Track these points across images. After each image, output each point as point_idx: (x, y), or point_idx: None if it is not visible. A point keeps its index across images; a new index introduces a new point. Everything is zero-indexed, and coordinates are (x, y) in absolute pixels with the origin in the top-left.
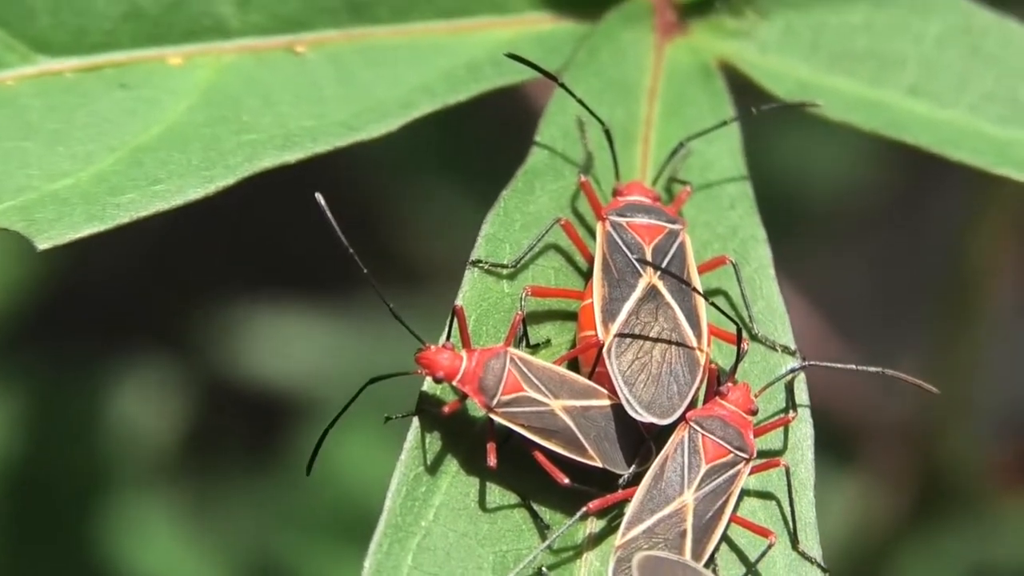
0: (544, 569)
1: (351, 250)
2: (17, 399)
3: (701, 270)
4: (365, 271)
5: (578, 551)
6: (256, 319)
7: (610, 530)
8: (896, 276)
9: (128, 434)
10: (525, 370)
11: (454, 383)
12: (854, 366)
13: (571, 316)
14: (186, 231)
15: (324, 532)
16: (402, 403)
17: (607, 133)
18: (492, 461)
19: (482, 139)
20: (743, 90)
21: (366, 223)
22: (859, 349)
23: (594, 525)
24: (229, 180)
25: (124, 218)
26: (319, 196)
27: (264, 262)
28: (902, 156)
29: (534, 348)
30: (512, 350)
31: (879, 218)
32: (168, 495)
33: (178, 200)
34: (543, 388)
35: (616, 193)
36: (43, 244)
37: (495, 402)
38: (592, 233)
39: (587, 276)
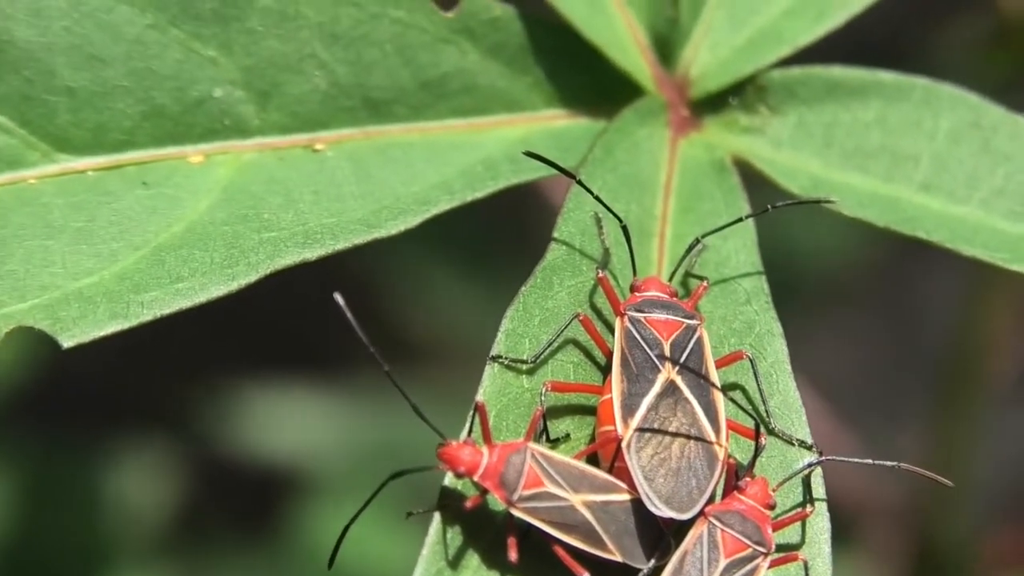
0: None
1: (372, 348)
2: (14, 477)
3: (718, 365)
4: (386, 369)
5: None
6: (252, 397)
7: None
8: (886, 355)
9: (125, 512)
10: (545, 465)
11: (475, 478)
12: (871, 460)
13: (590, 411)
14: (185, 308)
15: None
16: (401, 489)
17: (624, 229)
18: (513, 556)
19: (481, 221)
20: (757, 182)
21: (364, 301)
22: (853, 427)
23: None
24: (251, 277)
25: (147, 316)
26: (338, 296)
27: (260, 340)
28: (888, 235)
29: (553, 443)
30: (533, 445)
31: (866, 296)
32: (164, 571)
33: (201, 298)
34: (563, 483)
35: (634, 289)
36: (68, 342)
37: (516, 497)
38: (610, 328)
39: (606, 371)
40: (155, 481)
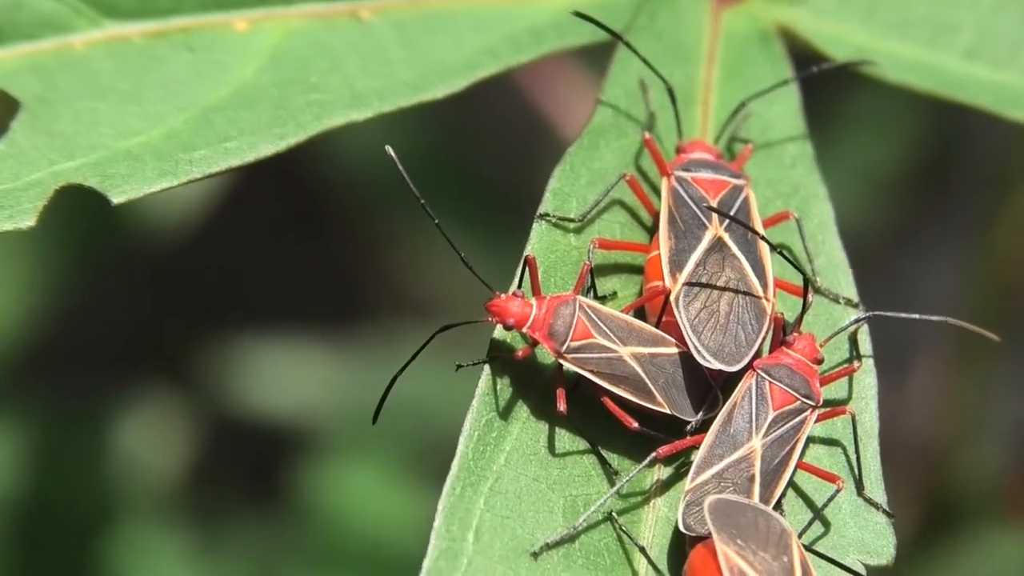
0: (614, 514)
1: (422, 201)
2: (21, 434)
3: (765, 225)
4: (436, 221)
5: (646, 497)
6: (259, 353)
7: (677, 477)
8: (906, 301)
9: (132, 468)
10: (594, 317)
11: (524, 330)
12: (917, 315)
13: (637, 269)
14: (190, 265)
15: (327, 566)
16: (417, 447)
17: (670, 91)
18: (562, 407)
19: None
20: (804, 61)
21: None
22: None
23: (662, 472)
24: (300, 137)
25: (196, 173)
26: (389, 148)
27: (267, 296)
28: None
29: (601, 300)
30: (581, 298)
31: (888, 246)
32: (172, 528)
33: (250, 156)
34: (612, 335)
35: (679, 150)
36: (118, 198)
37: (565, 348)
38: (656, 189)
39: (652, 231)
40: (162, 438)
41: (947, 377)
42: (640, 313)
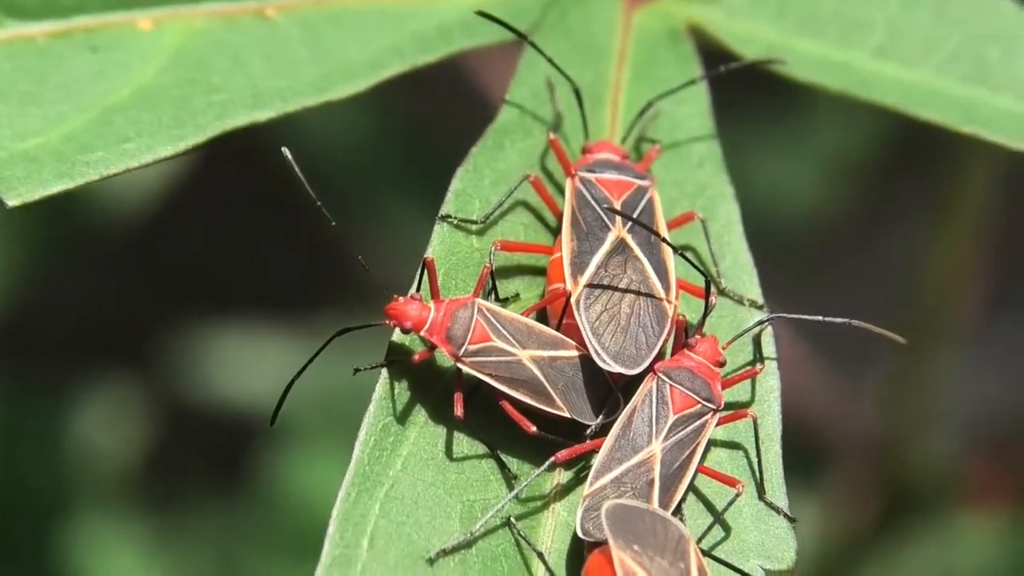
0: (512, 519)
1: (319, 203)
2: None
3: (670, 226)
4: (333, 223)
5: (546, 501)
6: (221, 340)
7: (578, 481)
8: (863, 293)
9: (90, 454)
10: (493, 320)
11: (422, 333)
12: (820, 317)
13: (540, 271)
14: (149, 252)
15: (286, 551)
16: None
17: (576, 92)
18: (459, 411)
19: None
20: (714, 60)
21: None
22: (828, 362)
23: (562, 476)
24: (199, 138)
25: (93, 175)
26: (286, 151)
27: (226, 284)
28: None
29: (503, 302)
30: (480, 301)
31: (843, 239)
32: (131, 515)
33: (148, 157)
34: (511, 338)
35: (585, 151)
36: (12, 201)
37: (463, 351)
38: (561, 190)
39: (556, 232)
40: (121, 424)
41: (903, 368)
42: (542, 316)
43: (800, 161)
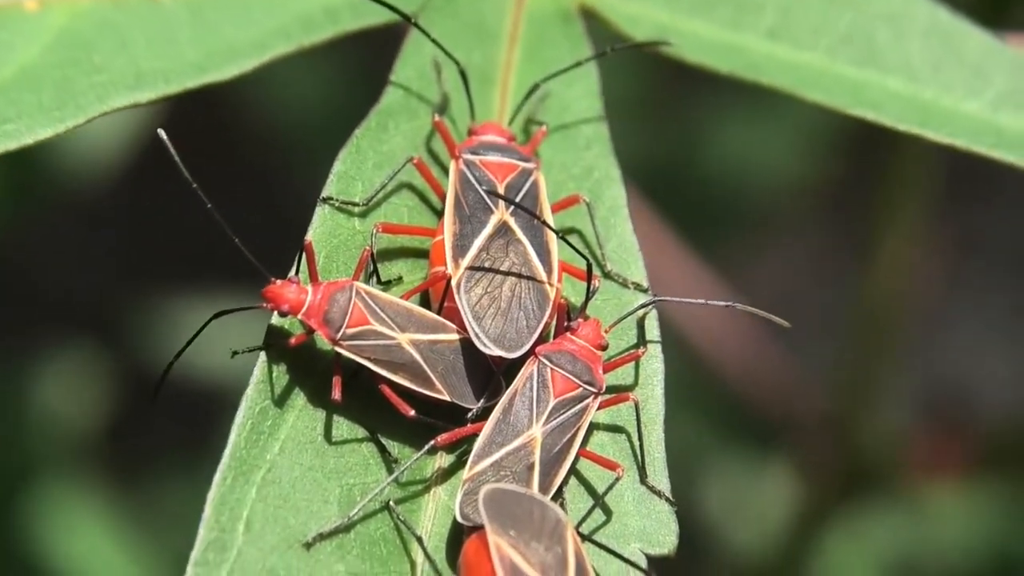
0: (392, 503)
1: (195, 185)
2: None
3: (555, 209)
4: (209, 205)
5: (427, 485)
6: (183, 309)
7: (460, 465)
8: (824, 270)
9: (53, 424)
10: (372, 304)
11: (299, 317)
12: (703, 300)
13: (424, 254)
14: (114, 220)
15: None
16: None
17: (462, 73)
18: (337, 395)
19: None
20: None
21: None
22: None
23: (444, 460)
24: (80, 119)
25: None
26: (162, 132)
27: (192, 252)
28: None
29: (386, 285)
30: (359, 284)
31: (813, 210)
32: (93, 484)
33: (28, 139)
34: (390, 322)
35: (471, 132)
36: None
37: (340, 335)
38: (447, 172)
39: (441, 215)
40: (84, 393)
41: (855, 347)
42: (425, 299)
43: (774, 131)
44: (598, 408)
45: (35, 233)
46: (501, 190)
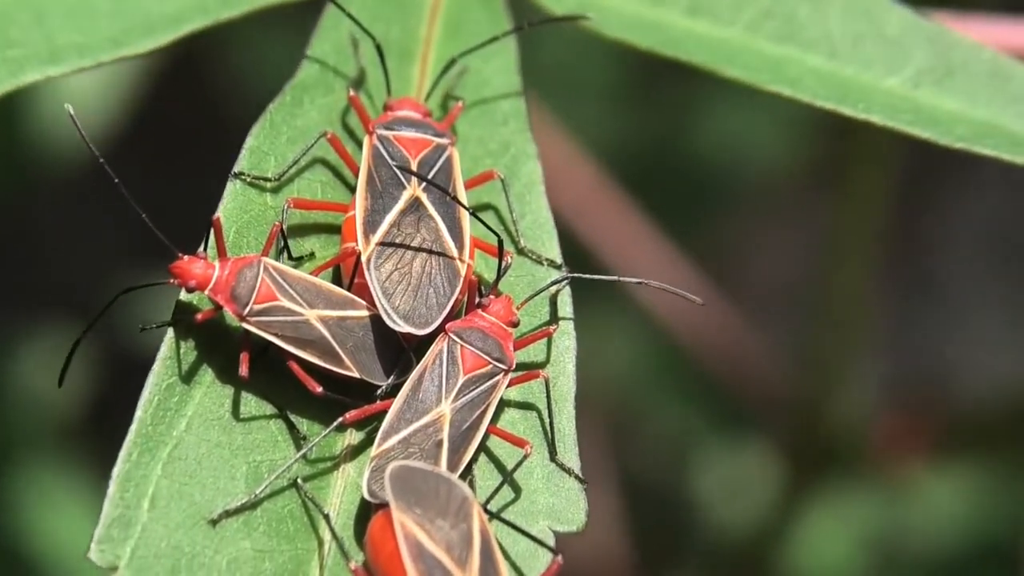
0: (300, 480)
1: (101, 160)
2: None
3: (470, 185)
4: (116, 180)
5: (336, 462)
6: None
7: (369, 442)
8: (807, 253)
9: (32, 402)
10: (280, 279)
11: (207, 292)
12: (616, 277)
13: (337, 230)
14: (93, 197)
15: None
16: None
17: (378, 48)
18: (244, 371)
19: None
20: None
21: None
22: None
23: (353, 437)
24: None
25: None
26: (69, 107)
27: (180, 227)
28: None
29: (297, 261)
30: (267, 260)
31: (794, 198)
32: (74, 465)
33: None
34: (298, 298)
35: (387, 108)
36: None
37: (247, 311)
38: (362, 148)
39: (354, 190)
40: (56, 372)
41: (825, 330)
42: (337, 275)
43: (759, 114)
44: (509, 385)
45: (21, 209)
46: (414, 166)
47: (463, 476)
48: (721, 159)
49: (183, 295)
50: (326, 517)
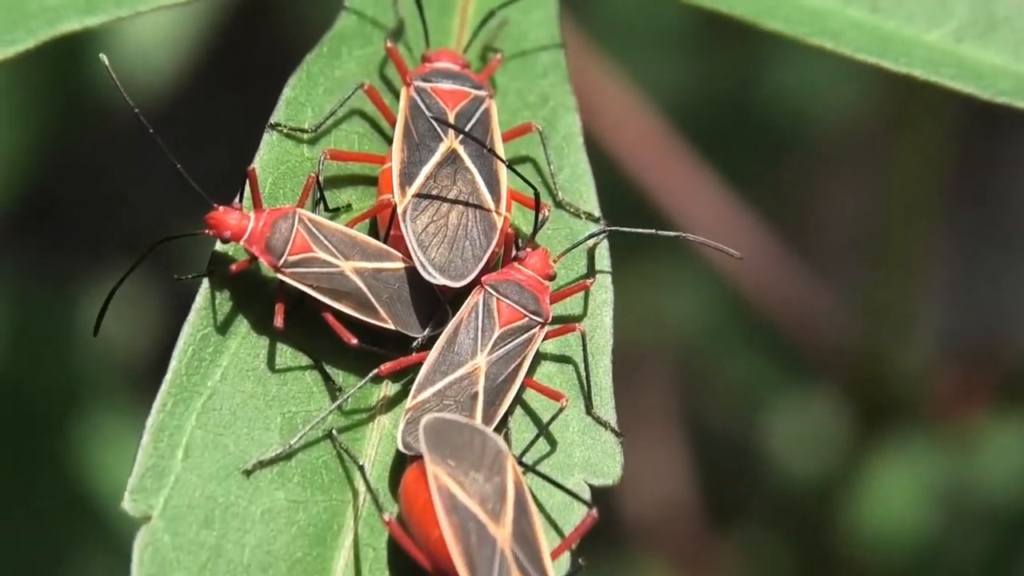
0: (334, 431)
1: (136, 110)
2: None
3: (507, 137)
4: (151, 130)
5: (371, 414)
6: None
7: (405, 394)
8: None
9: (101, 347)
10: (315, 231)
11: (242, 243)
12: (654, 231)
13: (374, 182)
14: (166, 137)
15: None
16: None
17: (418, 0)
18: (279, 322)
19: None
20: None
21: None
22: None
23: (389, 389)
24: (30, 43)
25: None
26: (104, 58)
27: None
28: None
29: (334, 212)
30: (302, 211)
31: (863, 147)
32: (139, 410)
33: None
34: (333, 249)
35: (425, 59)
36: None
37: (283, 262)
38: (399, 100)
39: (391, 142)
40: (129, 316)
41: (886, 279)
42: (374, 227)
43: (826, 63)
44: (545, 338)
45: (91, 154)
46: (451, 118)
47: (498, 429)
48: (787, 109)
49: (218, 246)
50: (361, 468)
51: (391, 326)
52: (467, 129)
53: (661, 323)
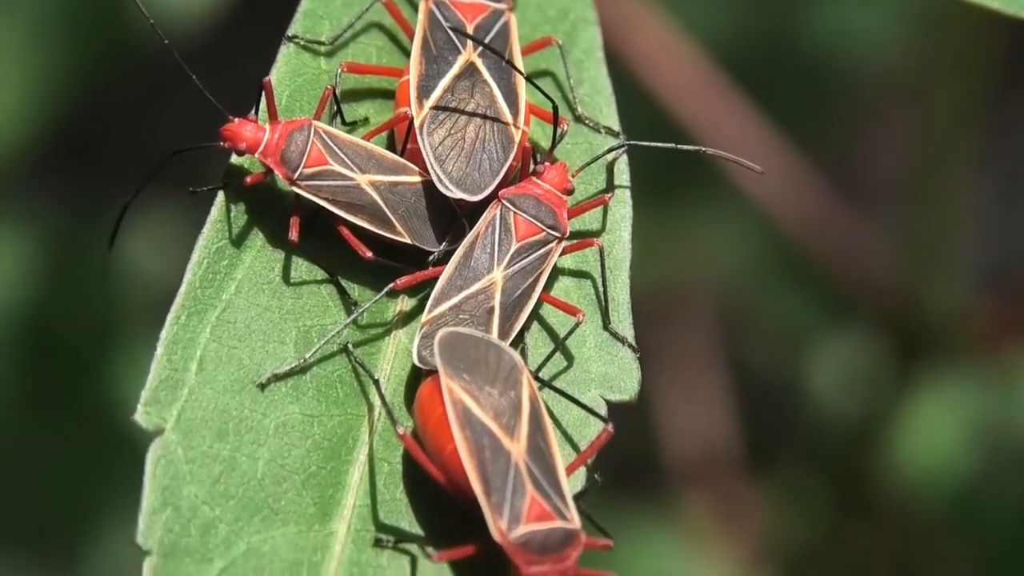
0: (350, 345)
1: (166, 41)
2: (24, 245)
3: (527, 51)
4: (166, 41)
5: (387, 328)
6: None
7: (421, 308)
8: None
9: (139, 280)
10: (331, 143)
11: (257, 155)
12: (673, 144)
13: (392, 95)
14: (201, 72)
15: None
16: None
17: None
18: (294, 235)
19: None
20: None
21: None
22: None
23: (405, 303)
24: None
25: None
26: None
27: None
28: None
29: (351, 126)
30: (317, 123)
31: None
32: None
33: None
34: (349, 162)
35: None
36: None
37: (298, 175)
38: (418, 12)
39: (409, 55)
40: (168, 249)
41: (927, 217)
42: (391, 140)
43: (870, 5)
44: (563, 253)
45: (132, 85)
46: (470, 31)
47: (515, 344)
48: (831, 50)
49: (234, 158)
50: (376, 383)
51: (407, 240)
52: (486, 42)
53: (703, 263)
